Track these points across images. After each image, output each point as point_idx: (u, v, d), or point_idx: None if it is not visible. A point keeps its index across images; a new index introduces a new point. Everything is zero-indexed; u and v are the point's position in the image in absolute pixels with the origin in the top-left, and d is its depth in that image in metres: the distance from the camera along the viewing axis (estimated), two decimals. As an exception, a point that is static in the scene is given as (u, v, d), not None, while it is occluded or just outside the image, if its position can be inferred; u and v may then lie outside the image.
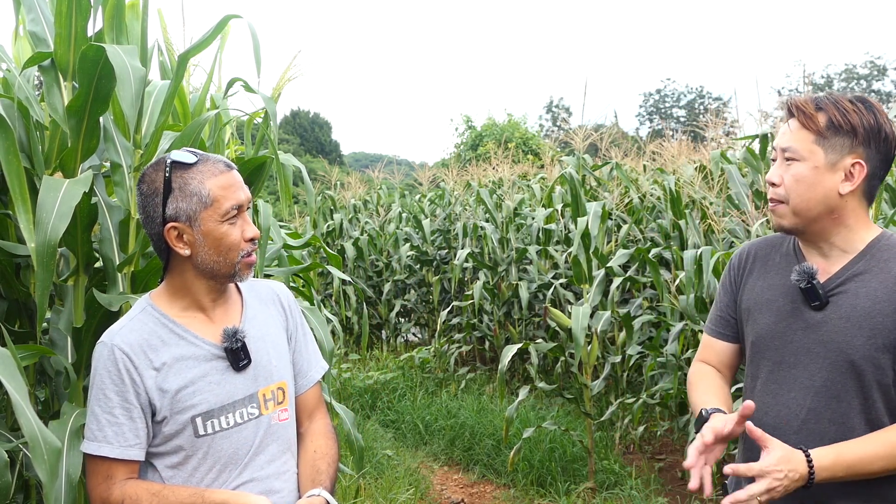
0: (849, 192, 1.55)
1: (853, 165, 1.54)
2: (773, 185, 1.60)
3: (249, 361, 1.60)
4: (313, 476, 1.67)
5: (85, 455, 1.55)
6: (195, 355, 1.57)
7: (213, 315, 1.62)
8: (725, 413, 1.62)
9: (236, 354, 1.57)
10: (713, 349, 1.82)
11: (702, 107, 42.63)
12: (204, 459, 1.56)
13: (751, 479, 1.47)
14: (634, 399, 4.73)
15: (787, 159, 1.58)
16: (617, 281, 4.83)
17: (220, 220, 1.53)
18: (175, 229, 1.53)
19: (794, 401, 1.59)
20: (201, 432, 1.55)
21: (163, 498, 1.49)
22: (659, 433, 5.28)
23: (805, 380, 1.58)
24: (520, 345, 4.56)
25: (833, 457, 1.47)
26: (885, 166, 1.58)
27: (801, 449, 1.47)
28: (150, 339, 1.55)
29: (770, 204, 1.62)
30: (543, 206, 7.13)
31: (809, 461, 1.45)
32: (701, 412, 1.64)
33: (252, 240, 1.57)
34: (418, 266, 8.73)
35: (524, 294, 6.49)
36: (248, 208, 1.59)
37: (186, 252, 1.54)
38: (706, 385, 1.76)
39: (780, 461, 1.43)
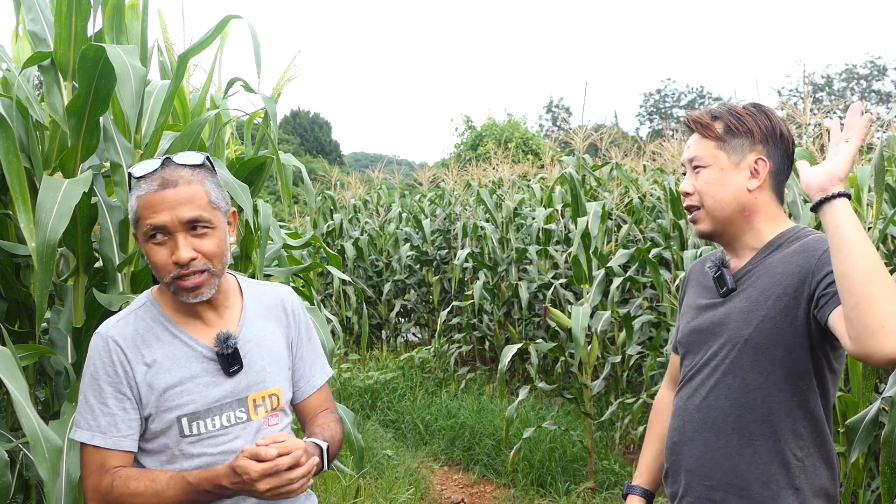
0: (757, 188, 1.65)
1: (756, 162, 1.65)
2: (686, 194, 1.72)
3: (241, 367, 1.58)
4: (314, 430, 1.70)
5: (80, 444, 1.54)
6: (187, 355, 1.56)
7: (208, 318, 1.60)
8: (644, 492, 1.90)
9: (227, 360, 1.56)
10: (672, 364, 1.95)
11: (702, 107, 42.55)
12: (190, 461, 1.55)
13: None
14: (634, 399, 4.73)
15: (695, 168, 1.69)
16: (617, 281, 4.83)
17: (144, 238, 1.51)
18: (134, 236, 1.57)
19: (699, 381, 1.68)
20: (186, 433, 1.54)
21: (149, 473, 1.51)
22: (659, 433, 5.28)
23: (710, 361, 1.66)
24: (520, 345, 4.56)
25: None
26: (787, 162, 1.70)
27: None
28: (146, 335, 1.55)
29: (688, 214, 1.74)
30: (543, 206, 7.13)
31: None
32: (626, 484, 1.93)
33: (179, 263, 1.49)
34: (418, 266, 8.73)
35: (524, 294, 6.49)
36: (195, 229, 1.50)
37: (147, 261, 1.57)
38: (652, 434, 1.95)
39: None
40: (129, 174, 1.54)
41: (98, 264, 2.49)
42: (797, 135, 3.88)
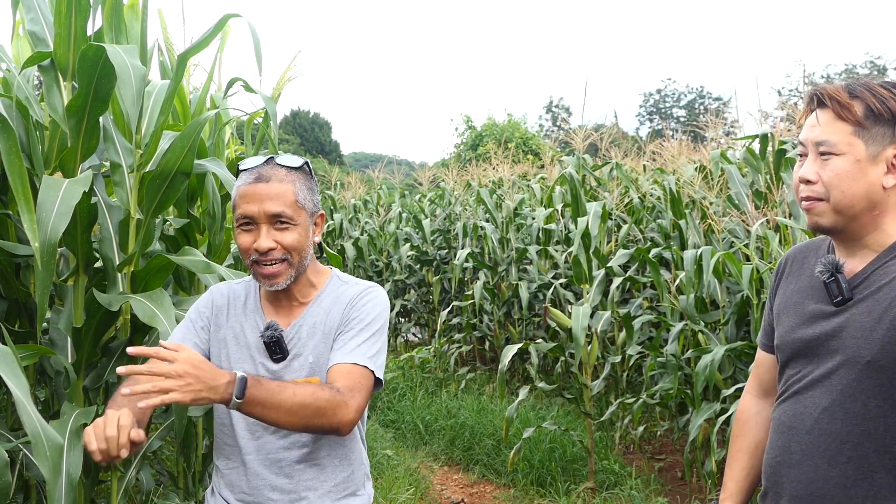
0: (893, 186, 1.46)
1: (895, 156, 1.45)
2: (807, 182, 1.50)
3: (284, 356, 1.70)
4: None
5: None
6: (253, 329, 1.73)
7: (281, 305, 1.76)
8: None
9: (270, 347, 1.70)
10: (761, 365, 1.76)
11: (702, 107, 42.62)
12: (233, 421, 1.71)
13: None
14: (634, 399, 4.73)
15: (823, 154, 1.47)
16: (617, 281, 4.83)
17: (237, 224, 1.69)
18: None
19: (810, 399, 1.51)
20: None
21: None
22: (659, 433, 5.28)
23: (824, 379, 1.49)
24: (520, 345, 4.56)
25: None
26: None
27: None
28: (236, 301, 1.78)
29: (804, 203, 1.52)
30: (543, 206, 7.13)
31: None
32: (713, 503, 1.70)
33: (259, 251, 1.65)
34: (418, 266, 8.73)
35: (524, 294, 6.49)
36: (279, 223, 1.66)
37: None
38: (740, 448, 1.75)
39: None
40: (238, 166, 1.74)
41: (98, 264, 2.49)
42: (797, 134, 3.88)
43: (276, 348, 1.69)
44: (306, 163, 1.75)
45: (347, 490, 1.75)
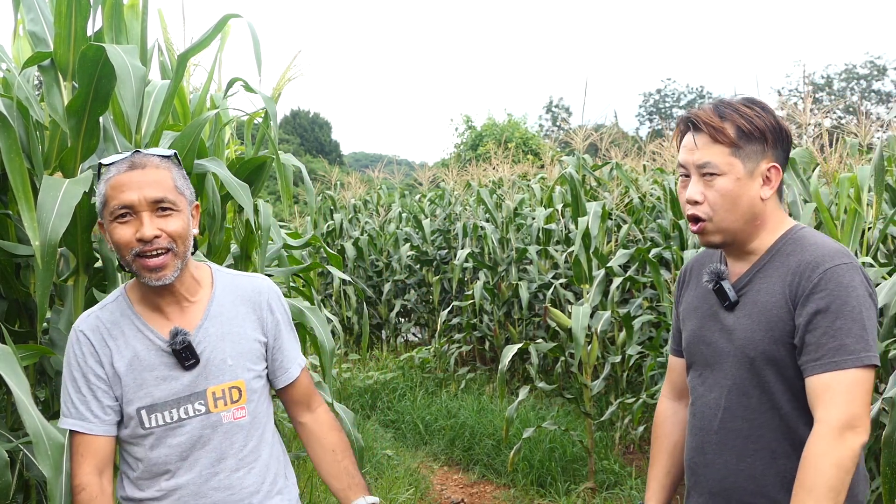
0: (769, 197, 1.58)
1: (769, 169, 1.56)
2: (695, 203, 1.59)
3: (197, 362, 1.62)
4: (348, 482, 1.78)
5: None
6: (148, 349, 1.62)
7: (170, 312, 1.65)
8: None
9: (180, 355, 1.61)
10: (673, 370, 1.88)
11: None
12: (154, 450, 1.62)
13: None
14: (634, 399, 4.73)
15: (706, 175, 1.56)
16: (617, 281, 4.83)
17: (111, 218, 1.56)
18: (99, 225, 1.61)
19: (714, 401, 1.63)
20: (147, 425, 1.61)
21: None
22: (659, 433, 5.27)
23: (722, 379, 1.62)
24: (520, 345, 4.56)
25: None
26: (786, 162, 1.62)
27: None
28: (112, 329, 1.62)
29: (693, 226, 1.61)
30: (543, 206, 7.13)
31: None
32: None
33: (142, 240, 1.54)
34: (418, 266, 8.73)
35: (524, 294, 6.49)
36: (160, 210, 1.56)
37: (110, 247, 1.60)
38: (659, 450, 1.88)
39: None
40: (100, 164, 1.61)
41: (98, 264, 2.49)
42: (797, 135, 3.89)
43: (187, 354, 1.60)
44: (175, 154, 1.67)
45: (277, 486, 1.75)
